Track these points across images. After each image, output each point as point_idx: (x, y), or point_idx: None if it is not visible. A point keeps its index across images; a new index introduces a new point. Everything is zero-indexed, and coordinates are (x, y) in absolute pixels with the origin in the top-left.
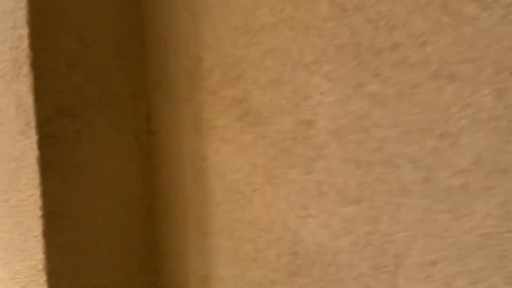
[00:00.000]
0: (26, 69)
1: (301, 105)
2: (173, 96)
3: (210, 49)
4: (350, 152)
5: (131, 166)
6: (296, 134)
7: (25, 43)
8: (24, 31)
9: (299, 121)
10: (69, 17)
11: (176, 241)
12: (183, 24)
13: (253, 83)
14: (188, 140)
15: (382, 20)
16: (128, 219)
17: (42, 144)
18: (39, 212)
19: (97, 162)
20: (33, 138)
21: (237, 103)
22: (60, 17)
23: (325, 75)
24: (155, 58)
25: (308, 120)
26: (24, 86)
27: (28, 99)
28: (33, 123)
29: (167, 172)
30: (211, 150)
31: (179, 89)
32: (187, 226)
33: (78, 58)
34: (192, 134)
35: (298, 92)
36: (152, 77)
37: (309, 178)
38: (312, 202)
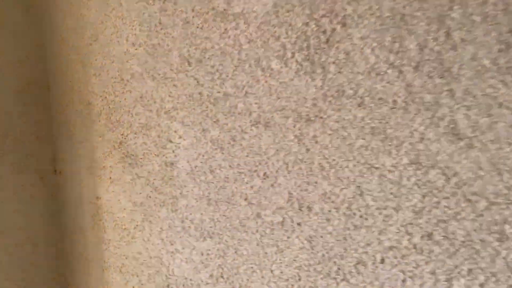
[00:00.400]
0: None
1: (165, 148)
2: (72, 138)
3: (97, 95)
4: (203, 190)
5: (37, 205)
6: (163, 174)
7: None
8: None
9: (165, 163)
10: None
11: (82, 276)
12: (76, 72)
13: (128, 127)
14: (86, 180)
15: (216, 73)
16: (36, 256)
17: None
18: None
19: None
20: None
21: (119, 146)
22: None
23: (181, 121)
24: (58, 103)
25: (171, 162)
26: None
27: None
28: None
29: (71, 210)
30: (103, 189)
31: (76, 131)
32: (89, 262)
33: None
34: (88, 174)
35: (162, 136)
36: (56, 120)
37: (175, 215)
38: (178, 237)
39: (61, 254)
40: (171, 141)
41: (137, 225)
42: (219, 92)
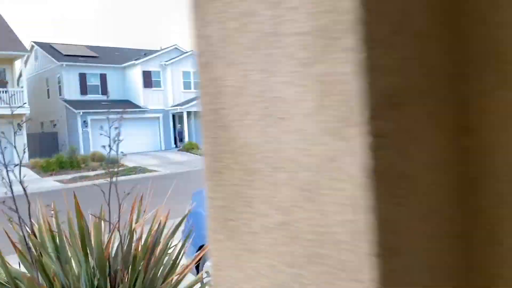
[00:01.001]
0: (347, 39)
1: None
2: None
3: None
4: None
5: (447, 177)
6: None
7: None
8: None
9: None
10: None
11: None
12: None
13: None
14: None
15: None
16: (440, 236)
17: (371, 148)
18: (368, 247)
19: (421, 171)
20: (355, 139)
21: None
22: None
23: None
24: (474, 13)
25: None
26: (342, 63)
27: (351, 82)
28: (356, 118)
29: (491, 178)
30: None
31: None
32: None
33: (403, 21)
34: None
35: None
36: (469, 50)
37: None
38: None
39: (465, 236)
40: None
41: None
42: None
